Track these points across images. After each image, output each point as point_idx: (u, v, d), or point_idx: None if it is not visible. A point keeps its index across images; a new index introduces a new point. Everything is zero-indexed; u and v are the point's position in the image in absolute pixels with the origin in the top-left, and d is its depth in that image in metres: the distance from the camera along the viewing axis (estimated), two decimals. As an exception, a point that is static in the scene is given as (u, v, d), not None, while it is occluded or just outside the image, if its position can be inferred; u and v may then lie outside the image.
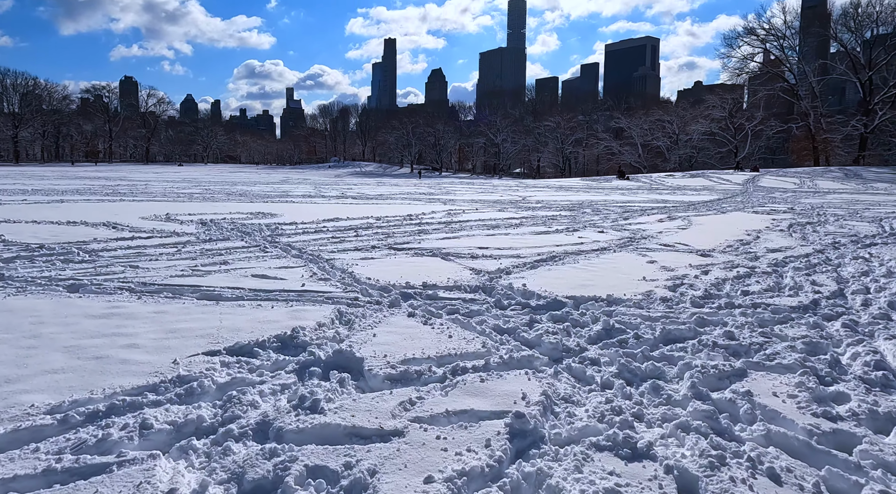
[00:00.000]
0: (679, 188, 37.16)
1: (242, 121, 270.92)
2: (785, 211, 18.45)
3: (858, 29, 60.29)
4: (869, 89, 61.33)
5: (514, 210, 18.04)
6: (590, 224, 13.49)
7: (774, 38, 66.36)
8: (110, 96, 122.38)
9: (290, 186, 35.14)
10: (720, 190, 34.51)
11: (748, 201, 23.71)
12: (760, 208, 19.73)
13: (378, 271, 6.98)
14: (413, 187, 38.43)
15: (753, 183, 40.62)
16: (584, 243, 10.05)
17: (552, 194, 30.20)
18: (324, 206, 18.80)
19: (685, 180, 45.04)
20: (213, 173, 64.67)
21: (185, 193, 24.73)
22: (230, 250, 8.45)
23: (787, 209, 19.08)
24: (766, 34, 65.98)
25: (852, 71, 62.39)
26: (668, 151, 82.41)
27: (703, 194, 30.45)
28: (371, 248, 9.06)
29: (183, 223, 12.27)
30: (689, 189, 35.75)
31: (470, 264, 7.70)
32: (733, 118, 74.83)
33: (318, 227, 11.95)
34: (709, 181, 43.43)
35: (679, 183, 42.61)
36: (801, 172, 50.29)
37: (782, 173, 49.35)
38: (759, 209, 19.29)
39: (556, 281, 6.56)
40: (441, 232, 11.43)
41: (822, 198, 26.43)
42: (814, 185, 38.83)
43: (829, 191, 33.08)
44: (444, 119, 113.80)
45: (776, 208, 20.00)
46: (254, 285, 6.02)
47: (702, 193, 31.24)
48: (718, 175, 49.12)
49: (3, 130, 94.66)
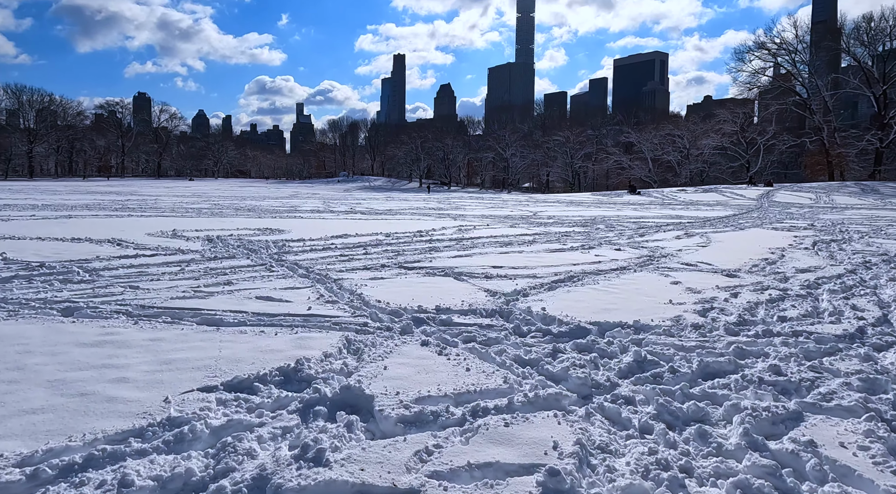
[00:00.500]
0: (692, 203, 36.64)
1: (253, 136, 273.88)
2: (805, 227, 17.94)
3: (871, 43, 59.86)
4: (883, 103, 60.64)
5: (526, 226, 17.69)
6: (605, 241, 13.10)
7: (786, 53, 66.02)
8: (123, 112, 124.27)
9: (299, 201, 35.06)
10: (734, 205, 33.96)
11: (765, 217, 23.19)
12: (779, 225, 19.23)
13: (388, 293, 6.63)
14: (422, 201, 38.23)
15: (768, 198, 40.03)
16: (602, 262, 9.66)
17: (563, 209, 29.83)
18: (332, 221, 18.56)
19: (698, 195, 44.50)
20: (224, 188, 65.01)
21: (193, 208, 24.64)
22: (235, 270, 8.16)
23: (808, 226, 18.56)
24: (778, 48, 65.68)
25: (866, 85, 61.80)
26: (678, 165, 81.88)
27: (717, 209, 29.95)
28: (381, 267, 8.73)
29: (189, 240, 12.03)
30: (703, 204, 35.22)
31: (484, 285, 7.34)
32: (745, 133, 74.29)
33: (327, 244, 11.66)
34: (722, 196, 42.88)
35: (692, 198, 42.09)
36: (816, 187, 49.57)
37: (797, 188, 48.65)
38: (778, 226, 18.79)
39: (576, 305, 6.18)
40: (452, 249, 11.09)
41: (840, 214, 25.84)
42: (830, 200, 38.17)
43: (846, 206, 32.43)
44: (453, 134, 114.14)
45: (795, 224, 19.49)
46: (257, 309, 5.69)
47: (716, 208, 30.73)
48: (731, 190, 48.51)
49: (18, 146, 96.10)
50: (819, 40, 77.42)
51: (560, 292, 6.98)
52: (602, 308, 6.03)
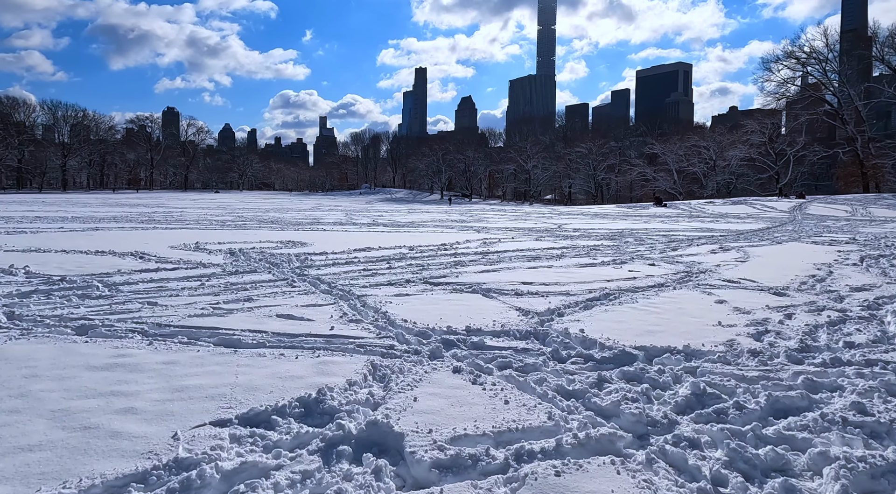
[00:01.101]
0: (721, 216, 35.66)
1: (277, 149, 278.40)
2: (847, 241, 17.11)
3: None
4: (920, 113, 58.61)
5: (552, 239, 17.22)
6: (637, 256, 12.58)
7: (816, 62, 64.47)
8: (153, 126, 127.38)
9: (322, 213, 35.11)
10: (766, 218, 32.92)
11: (801, 230, 22.29)
12: (818, 238, 18.40)
13: (414, 311, 6.28)
14: (444, 213, 37.97)
15: (801, 211, 38.77)
16: (637, 278, 9.17)
17: (588, 221, 29.22)
18: (355, 234, 18.36)
19: (727, 208, 43.37)
20: (248, 200, 65.81)
21: (217, 220, 24.75)
22: (256, 285, 7.90)
23: (850, 239, 17.71)
24: (807, 57, 64.18)
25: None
26: (704, 177, 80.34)
27: (748, 222, 29.02)
28: (405, 282, 8.39)
29: (211, 253, 11.88)
30: (733, 217, 34.23)
31: (515, 303, 6.94)
32: (774, 144, 72.58)
33: (349, 258, 11.39)
34: (752, 209, 41.71)
35: (720, 210, 41.02)
36: (850, 199, 47.93)
37: (830, 200, 47.11)
38: (818, 239, 17.97)
39: (617, 326, 5.74)
40: (479, 264, 10.71)
41: (881, 227, 24.73)
42: (867, 213, 36.75)
43: (886, 219, 31.15)
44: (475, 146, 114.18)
45: (836, 237, 18.63)
46: (278, 328, 5.38)
47: (746, 221, 29.79)
48: (762, 202, 47.21)
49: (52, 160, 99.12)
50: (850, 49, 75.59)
51: (597, 311, 6.54)
52: (645, 330, 5.57)
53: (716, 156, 78.38)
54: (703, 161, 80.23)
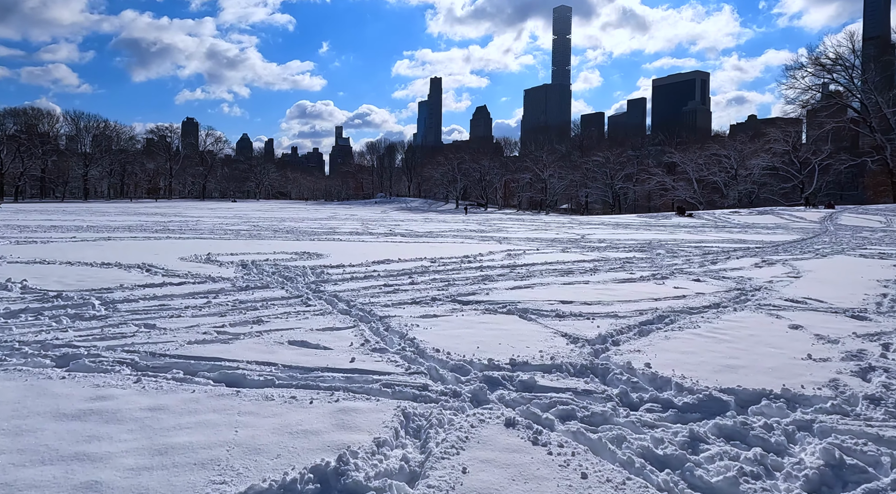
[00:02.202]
0: (749, 226, 34.40)
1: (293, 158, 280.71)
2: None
3: (938, 56, 56.19)
4: (954, 120, 56.72)
5: (579, 251, 16.31)
6: (676, 270, 11.63)
7: (842, 68, 62.83)
8: (172, 136, 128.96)
9: (338, 222, 34.54)
10: (797, 229, 31.62)
11: (840, 242, 21.08)
12: (864, 251, 17.24)
13: (446, 338, 5.46)
14: (461, 223, 37.19)
15: (832, 221, 37.32)
16: (687, 297, 8.25)
17: (611, 232, 28.21)
18: (372, 245, 17.62)
19: (753, 218, 42.00)
20: (264, 209, 65.74)
21: (232, 229, 24.23)
22: (267, 303, 7.14)
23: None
24: (833, 64, 62.59)
25: (933, 101, 58.00)
26: (725, 186, 78.65)
27: (779, 233, 27.78)
28: (431, 300, 7.58)
29: (222, 266, 11.19)
30: (762, 227, 32.97)
31: (559, 327, 6.08)
32: (797, 152, 70.79)
33: (368, 271, 10.62)
34: (780, 219, 40.30)
35: (747, 220, 39.69)
36: (882, 209, 46.20)
37: (862, 211, 45.43)
38: (864, 252, 16.82)
39: (688, 359, 4.85)
40: (508, 279, 9.86)
41: (924, 238, 23.38)
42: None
43: (925, 230, 29.69)
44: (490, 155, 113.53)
45: (883, 250, 17.45)
46: (289, 360, 4.59)
47: (777, 232, 28.54)
48: (789, 212, 45.69)
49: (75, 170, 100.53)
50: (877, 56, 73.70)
51: (656, 338, 5.66)
52: (724, 365, 4.68)
53: (737, 165, 76.70)
54: (723, 170, 78.57)
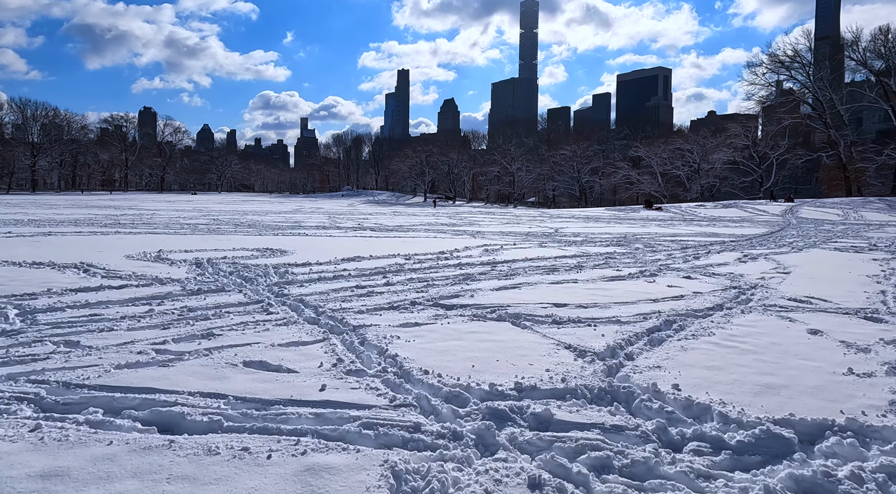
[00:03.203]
0: (716, 219, 34.73)
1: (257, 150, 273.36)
2: (870, 248, 15.93)
3: (891, 56, 58.22)
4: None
5: (557, 246, 15.72)
6: (663, 266, 11.10)
7: (800, 66, 64.52)
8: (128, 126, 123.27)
9: (303, 215, 33.19)
10: (762, 222, 32.04)
11: (808, 235, 21.19)
12: (835, 244, 17.24)
13: (434, 354, 4.64)
14: (431, 216, 36.33)
15: (793, 214, 38.07)
16: (685, 297, 7.66)
17: (583, 225, 27.85)
18: (340, 240, 16.61)
19: (718, 211, 42.54)
20: (226, 202, 63.31)
21: (189, 224, 22.74)
22: (221, 311, 6.17)
23: (871, 246, 16.55)
24: (791, 61, 64.19)
25: (883, 99, 60.08)
26: (688, 180, 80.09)
27: (745, 226, 27.97)
28: (411, 305, 6.74)
29: (173, 265, 10.06)
30: (728, 220, 33.31)
31: (560, 337, 5.34)
32: (756, 147, 72.59)
33: (337, 270, 9.68)
34: (744, 212, 40.92)
35: (713, 214, 40.13)
36: (839, 202, 47.61)
37: (819, 204, 46.70)
38: (837, 246, 16.79)
39: (716, 376, 4.18)
40: (491, 278, 9.10)
41: (883, 231, 23.82)
42: (860, 216, 36.20)
43: (884, 223, 30.46)
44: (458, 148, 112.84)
45: (852, 243, 17.48)
46: (243, 389, 3.70)
47: (744, 225, 28.75)
48: (752, 205, 46.55)
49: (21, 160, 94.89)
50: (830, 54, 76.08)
51: (672, 349, 4.98)
52: (760, 384, 4.02)
53: (699, 159, 78.14)
54: (686, 164, 79.99)
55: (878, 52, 58.70)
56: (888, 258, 13.20)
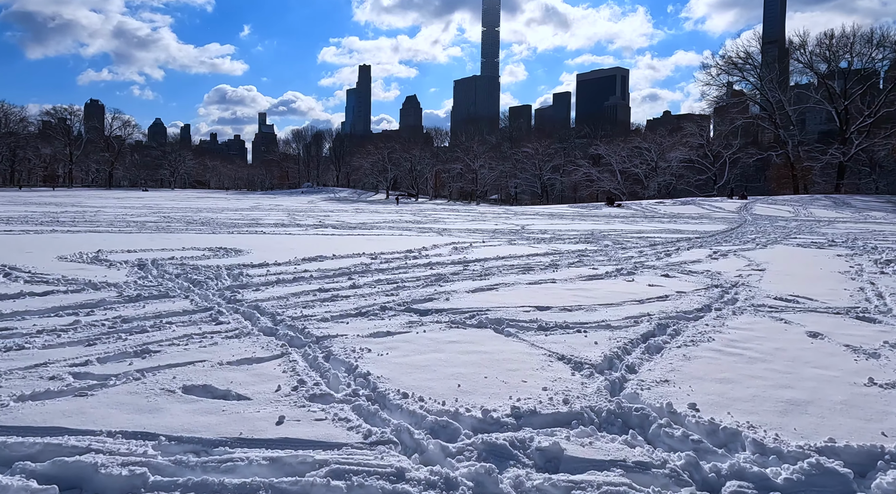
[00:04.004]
0: (676, 216, 35.29)
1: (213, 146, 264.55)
2: (830, 244, 16.19)
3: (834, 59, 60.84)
4: (845, 119, 61.66)
5: (527, 243, 15.32)
6: (637, 264, 10.79)
7: (752, 68, 66.71)
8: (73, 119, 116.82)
9: (261, 213, 31.84)
10: (720, 218, 32.69)
11: (766, 231, 21.56)
12: (796, 240, 17.50)
13: (412, 370, 4.02)
14: (395, 214, 35.55)
15: (748, 211, 39.13)
16: (669, 297, 7.28)
17: (549, 222, 27.70)
18: (301, 238, 15.72)
19: (678, 208, 43.35)
20: (179, 199, 60.61)
21: (137, 221, 21.28)
22: (161, 322, 5.36)
23: (829, 242, 16.83)
24: (744, 63, 66.33)
25: (828, 100, 62.78)
26: (646, 178, 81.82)
27: (705, 222, 28.43)
28: (381, 310, 6.08)
29: (112, 267, 9.06)
30: (688, 217, 33.85)
31: (550, 346, 4.80)
32: (710, 146, 74.80)
33: (298, 271, 8.91)
34: (702, 209, 41.83)
35: (673, 211, 40.84)
36: (789, 199, 49.34)
37: (771, 201, 48.28)
38: (799, 242, 17.03)
39: (732, 390, 3.71)
40: (465, 278, 8.52)
41: (833, 227, 24.54)
42: (809, 213, 37.55)
43: (833, 219, 31.57)
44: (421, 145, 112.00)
45: (813, 240, 17.76)
46: (180, 425, 2.98)
47: (703, 221, 29.22)
48: (708, 202, 47.69)
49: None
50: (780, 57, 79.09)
51: (674, 358, 4.51)
52: (783, 400, 3.57)
53: (657, 157, 79.90)
54: (644, 162, 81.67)
55: (824, 56, 61.29)
56: (851, 254, 13.32)
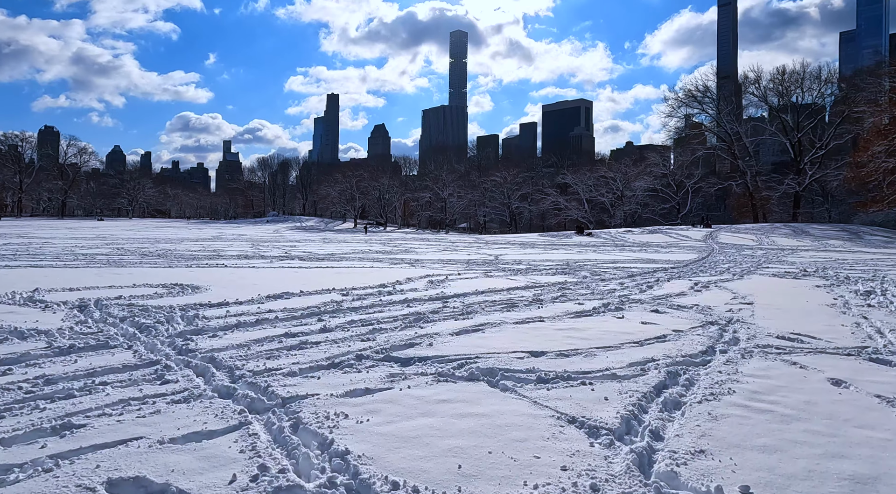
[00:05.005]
0: (646, 245, 35.61)
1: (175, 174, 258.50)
2: (803, 274, 16.19)
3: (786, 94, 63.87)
4: (798, 150, 64.42)
5: (504, 275, 14.78)
6: (623, 298, 10.34)
7: (710, 100, 69.47)
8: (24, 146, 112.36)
9: (223, 243, 30.53)
10: (688, 247, 33.10)
11: (737, 260, 21.70)
12: (768, 270, 17.52)
13: (400, 445, 3.32)
14: (364, 243, 34.72)
15: (714, 239, 39.84)
16: (668, 338, 6.78)
17: (521, 252, 27.37)
18: (265, 271, 14.79)
19: (646, 236, 43.88)
20: (136, 228, 58.23)
21: (86, 254, 19.89)
22: (94, 382, 4.49)
23: (801, 271, 16.88)
24: (703, 95, 69.03)
25: (782, 132, 65.58)
26: (612, 206, 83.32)
27: (675, 251, 28.63)
28: (356, 360, 5.35)
29: (48, 309, 8.04)
30: (657, 246, 34.16)
31: (557, 405, 4.17)
32: (674, 176, 76.98)
33: (261, 311, 8.08)
34: (670, 238, 42.42)
35: (641, 239, 41.27)
36: (750, 228, 50.70)
37: (734, 230, 49.48)
38: (772, 271, 17.03)
39: (782, 465, 3.14)
40: (446, 317, 7.85)
41: (798, 256, 25.01)
42: (772, 241, 38.51)
43: (795, 247, 32.36)
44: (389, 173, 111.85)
45: (785, 269, 17.81)
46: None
47: (673, 250, 29.44)
48: (675, 231, 48.54)
49: None
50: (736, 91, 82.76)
51: (698, 417, 3.93)
52: (845, 477, 3.01)
53: (622, 186, 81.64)
54: (610, 191, 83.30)
55: (777, 90, 64.33)
56: (828, 285, 13.24)
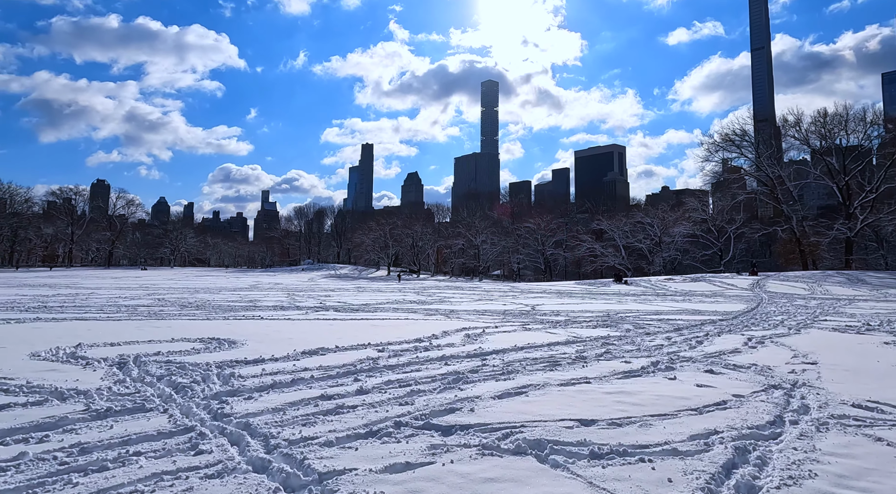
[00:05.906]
0: (689, 294, 34.28)
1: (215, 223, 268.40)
2: (867, 329, 15.10)
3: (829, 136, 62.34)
4: (847, 194, 62.14)
5: (542, 328, 14.31)
6: (673, 356, 9.76)
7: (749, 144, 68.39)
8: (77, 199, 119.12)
9: (260, 293, 30.95)
10: (735, 296, 31.68)
11: (790, 312, 20.50)
12: (827, 323, 16.42)
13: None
14: (398, 292, 34.65)
15: (761, 288, 38.15)
16: (728, 404, 6.24)
17: (559, 301, 26.71)
18: (301, 323, 14.74)
19: (688, 285, 42.42)
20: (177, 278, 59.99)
21: (129, 305, 20.37)
22: (128, 452, 4.33)
23: (867, 326, 15.76)
24: (741, 140, 68.07)
25: (828, 176, 63.57)
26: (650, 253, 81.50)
27: (720, 301, 27.38)
28: (395, 428, 5.06)
29: (88, 366, 8.07)
30: (701, 295, 32.82)
31: (616, 488, 3.76)
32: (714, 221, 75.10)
33: (297, 369, 7.90)
34: (714, 286, 40.88)
35: (683, 288, 39.88)
36: (801, 276, 48.46)
37: (783, 277, 47.36)
38: (833, 325, 15.96)
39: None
40: (487, 377, 7.49)
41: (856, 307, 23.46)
42: (825, 291, 36.48)
43: (852, 298, 30.53)
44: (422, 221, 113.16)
45: (846, 323, 16.67)
46: None
47: (718, 300, 28.20)
48: (720, 279, 46.80)
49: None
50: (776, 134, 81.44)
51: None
52: None
53: (660, 232, 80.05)
54: (648, 237, 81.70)
55: (819, 133, 62.90)
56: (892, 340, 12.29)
